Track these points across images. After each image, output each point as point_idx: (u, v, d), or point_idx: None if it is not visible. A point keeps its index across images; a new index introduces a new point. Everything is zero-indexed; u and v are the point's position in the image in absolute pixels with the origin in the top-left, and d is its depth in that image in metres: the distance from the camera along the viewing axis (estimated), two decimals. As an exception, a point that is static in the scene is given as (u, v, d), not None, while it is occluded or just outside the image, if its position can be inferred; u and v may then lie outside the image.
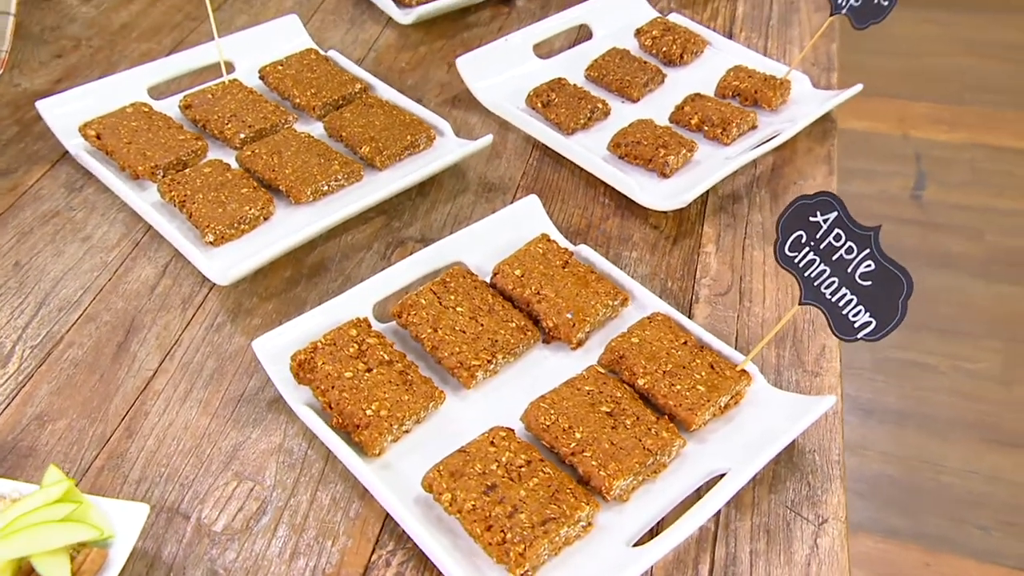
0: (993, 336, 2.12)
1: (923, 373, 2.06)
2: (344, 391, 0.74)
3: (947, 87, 2.91)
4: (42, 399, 0.78)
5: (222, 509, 0.71)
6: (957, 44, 3.09)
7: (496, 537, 0.65)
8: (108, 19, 1.35)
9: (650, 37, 1.28)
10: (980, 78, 2.93)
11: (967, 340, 2.11)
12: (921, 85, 2.89)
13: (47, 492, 0.64)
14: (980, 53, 3.04)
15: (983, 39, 3.10)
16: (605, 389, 0.76)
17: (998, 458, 1.87)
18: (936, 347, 2.09)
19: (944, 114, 2.83)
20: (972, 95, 2.86)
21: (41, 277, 0.90)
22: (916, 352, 2.08)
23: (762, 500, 0.73)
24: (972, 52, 3.05)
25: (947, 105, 2.86)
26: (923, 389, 2.02)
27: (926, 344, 2.09)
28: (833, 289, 0.70)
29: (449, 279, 0.85)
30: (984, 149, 2.70)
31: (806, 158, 1.12)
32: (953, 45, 3.09)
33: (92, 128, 1.03)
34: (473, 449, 0.71)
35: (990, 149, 2.70)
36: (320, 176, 0.98)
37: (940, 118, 2.82)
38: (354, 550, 0.68)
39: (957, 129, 2.76)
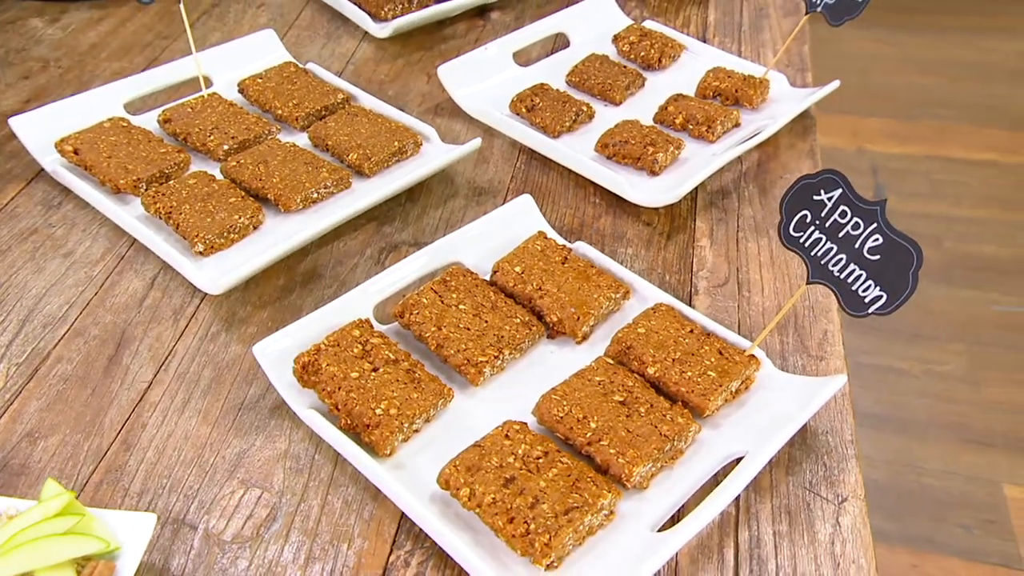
0: (958, 339, 2.15)
1: (896, 378, 2.08)
2: (351, 391, 0.72)
3: (898, 103, 2.99)
4: (32, 416, 0.75)
5: (230, 518, 0.68)
6: (905, 63, 3.18)
7: (519, 529, 0.63)
8: (76, 40, 1.33)
9: (628, 43, 1.29)
10: (929, 94, 3.02)
11: (934, 344, 2.14)
12: (873, 102, 2.97)
13: (47, 506, 0.60)
14: (927, 71, 3.13)
15: (929, 58, 3.20)
16: (616, 379, 0.75)
17: (974, 457, 1.89)
18: (906, 352, 2.12)
19: (897, 129, 2.90)
20: (922, 110, 2.95)
21: (22, 294, 0.87)
22: (887, 357, 2.11)
23: (780, 483, 0.72)
24: (920, 71, 3.15)
25: (899, 120, 2.93)
26: (897, 393, 2.04)
27: (896, 349, 2.12)
28: (841, 266, 0.70)
29: (449, 278, 0.84)
30: (938, 161, 2.77)
31: (790, 153, 1.13)
32: (901, 64, 3.18)
33: (69, 143, 1.00)
34: (488, 443, 0.69)
35: (944, 161, 2.77)
36: (309, 184, 0.96)
37: (893, 132, 2.89)
38: (371, 552, 0.66)
39: (910, 143, 2.83)
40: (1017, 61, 3.14)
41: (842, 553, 0.67)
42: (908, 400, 2.01)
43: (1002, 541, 1.78)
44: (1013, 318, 2.20)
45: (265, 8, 1.43)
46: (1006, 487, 1.87)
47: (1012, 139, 2.79)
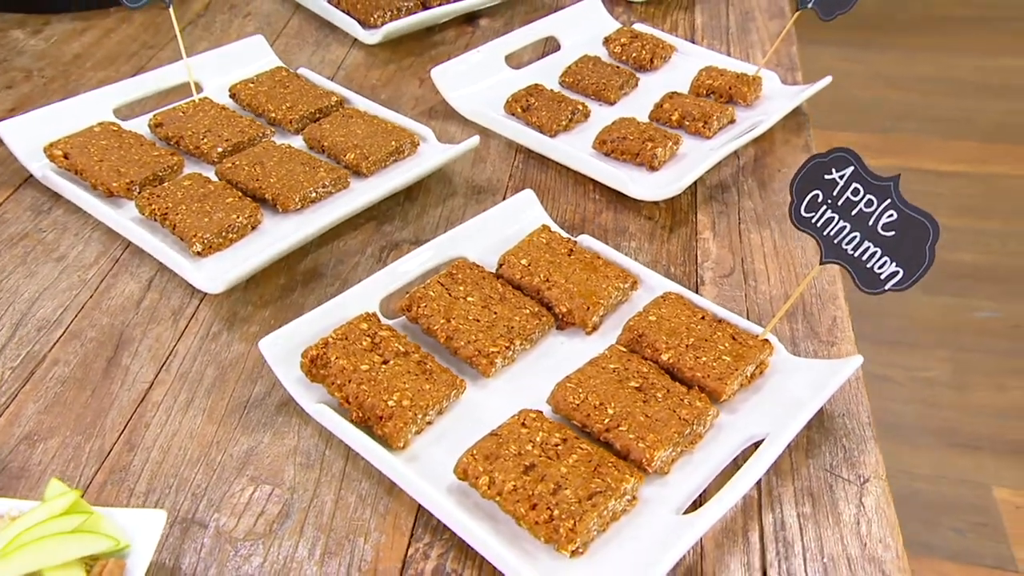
0: (941, 346, 2.17)
1: (882, 384, 2.09)
2: (362, 384, 0.71)
3: (870, 118, 3.03)
4: (29, 418, 0.72)
5: (241, 515, 0.65)
6: (875, 79, 3.23)
7: (542, 515, 0.61)
8: (59, 50, 1.31)
9: (619, 44, 1.29)
10: (899, 109, 3.07)
11: (917, 351, 2.16)
12: (846, 117, 3.01)
13: (51, 505, 0.58)
14: (896, 87, 3.19)
15: (897, 74, 3.25)
16: (630, 366, 0.74)
17: (962, 461, 1.90)
18: (890, 359, 2.13)
19: (870, 142, 2.94)
20: (893, 124, 2.99)
21: (14, 299, 0.84)
22: (872, 365, 2.12)
23: (800, 466, 0.71)
24: (889, 86, 3.20)
25: (872, 134, 2.97)
26: (885, 399, 2.05)
27: (880, 357, 2.13)
28: (855, 244, 0.70)
29: (455, 271, 0.83)
30: (913, 172, 2.81)
31: (785, 148, 1.14)
32: (871, 80, 3.23)
33: (59, 148, 0.98)
34: (505, 432, 0.68)
35: (918, 172, 2.81)
36: (307, 183, 0.95)
37: (867, 145, 2.93)
38: (388, 545, 0.64)
39: (884, 155, 2.87)
40: (980, 76, 3.20)
41: (868, 533, 0.66)
42: (895, 407, 2.02)
43: (995, 543, 1.78)
44: (993, 323, 2.22)
45: (252, 18, 1.42)
46: (996, 489, 1.87)
47: (982, 150, 2.84)
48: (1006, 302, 2.26)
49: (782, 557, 0.64)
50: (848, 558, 0.64)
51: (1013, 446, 1.90)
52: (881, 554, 0.64)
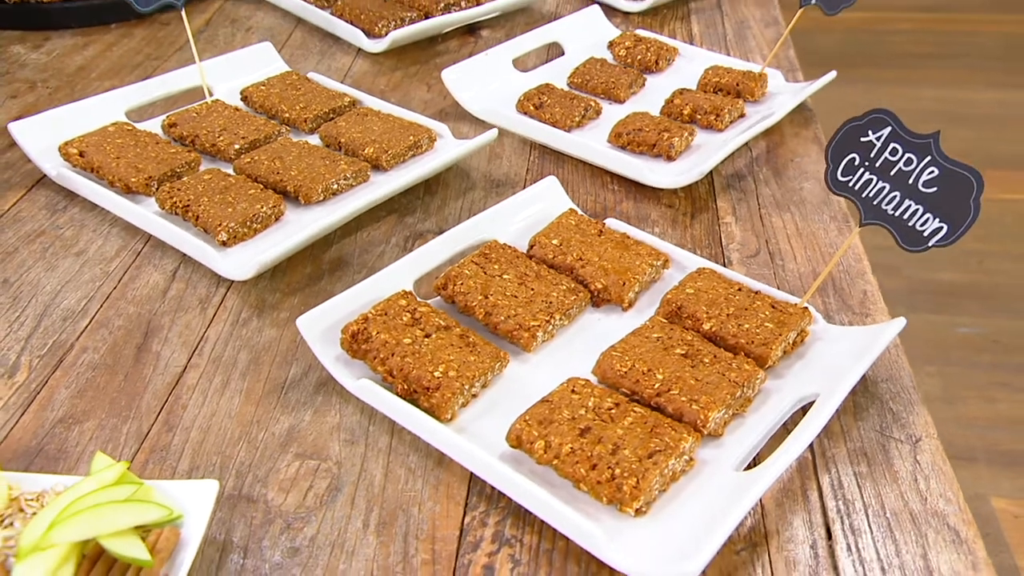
0: (928, 361, 2.19)
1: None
2: (406, 356, 0.69)
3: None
4: (62, 403, 0.70)
5: (289, 489, 0.63)
6: (847, 109, 3.30)
7: (604, 475, 0.60)
8: (62, 63, 1.30)
9: (623, 48, 1.31)
10: None
11: (906, 366, 2.18)
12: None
13: (101, 476, 0.56)
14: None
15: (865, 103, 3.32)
16: (673, 335, 0.74)
17: (958, 472, 1.91)
18: (880, 374, 2.15)
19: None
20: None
21: (36, 291, 0.82)
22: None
23: (851, 428, 0.71)
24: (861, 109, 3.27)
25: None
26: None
27: (870, 371, 2.14)
28: (895, 203, 0.70)
29: (488, 251, 0.82)
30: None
31: (795, 140, 1.15)
32: (843, 109, 3.30)
33: (74, 146, 0.97)
34: (556, 398, 0.67)
35: None
36: (328, 175, 0.94)
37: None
38: (444, 514, 0.62)
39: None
40: (941, 106, 3.27)
41: (927, 489, 0.65)
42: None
43: (997, 553, 1.77)
44: (977, 339, 2.25)
45: (254, 31, 1.43)
46: (993, 499, 1.88)
47: None
48: (986, 318, 2.29)
49: (843, 514, 0.63)
50: (911, 513, 0.63)
51: (1008, 457, 1.91)
52: (944, 508, 0.63)
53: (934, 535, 0.61)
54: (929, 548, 0.60)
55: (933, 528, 0.62)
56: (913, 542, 0.61)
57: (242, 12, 1.49)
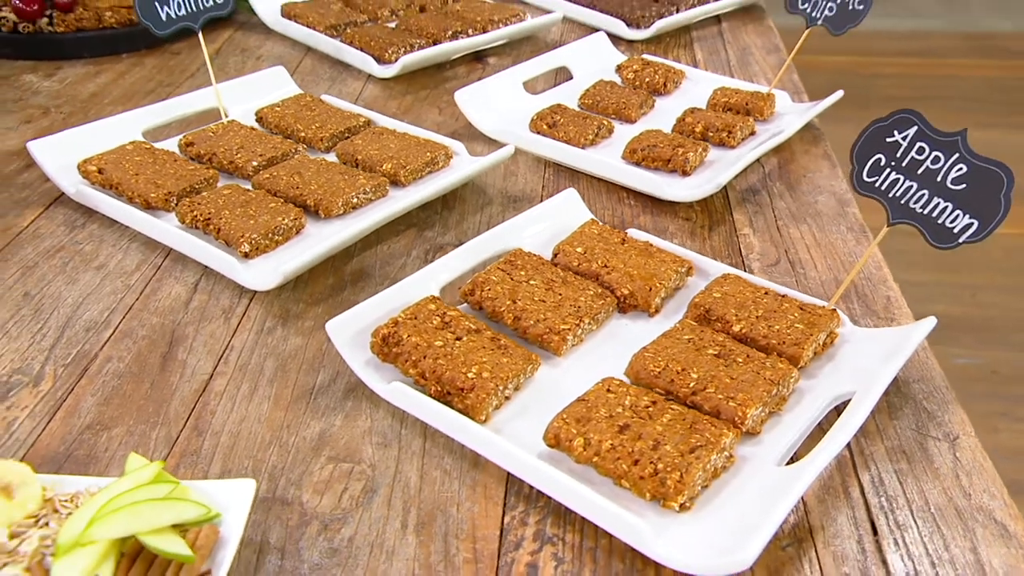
0: None
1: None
2: (439, 359, 0.69)
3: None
4: (89, 410, 0.69)
5: (324, 492, 0.62)
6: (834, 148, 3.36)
7: (646, 470, 0.59)
8: (75, 90, 1.31)
9: (631, 71, 1.33)
10: None
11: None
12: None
13: (137, 475, 0.55)
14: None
15: None
16: (704, 336, 0.73)
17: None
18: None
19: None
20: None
21: (57, 304, 0.81)
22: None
23: (886, 427, 0.70)
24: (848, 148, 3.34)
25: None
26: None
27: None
28: (924, 202, 0.71)
29: (514, 258, 0.82)
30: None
31: (806, 157, 1.16)
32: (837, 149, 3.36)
33: (93, 164, 0.97)
34: (592, 397, 0.66)
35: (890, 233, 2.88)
36: (348, 189, 0.94)
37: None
38: (483, 514, 0.61)
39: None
40: None
41: (970, 484, 0.64)
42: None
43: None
44: (974, 370, 2.26)
45: (264, 59, 1.44)
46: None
47: None
48: (981, 350, 2.31)
49: (887, 511, 0.62)
50: (956, 508, 0.62)
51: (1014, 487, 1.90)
52: (988, 503, 0.63)
53: (982, 530, 0.60)
54: (978, 543, 0.59)
55: (980, 523, 0.61)
56: (961, 536, 0.60)
57: (252, 41, 1.50)
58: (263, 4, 1.54)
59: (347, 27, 1.47)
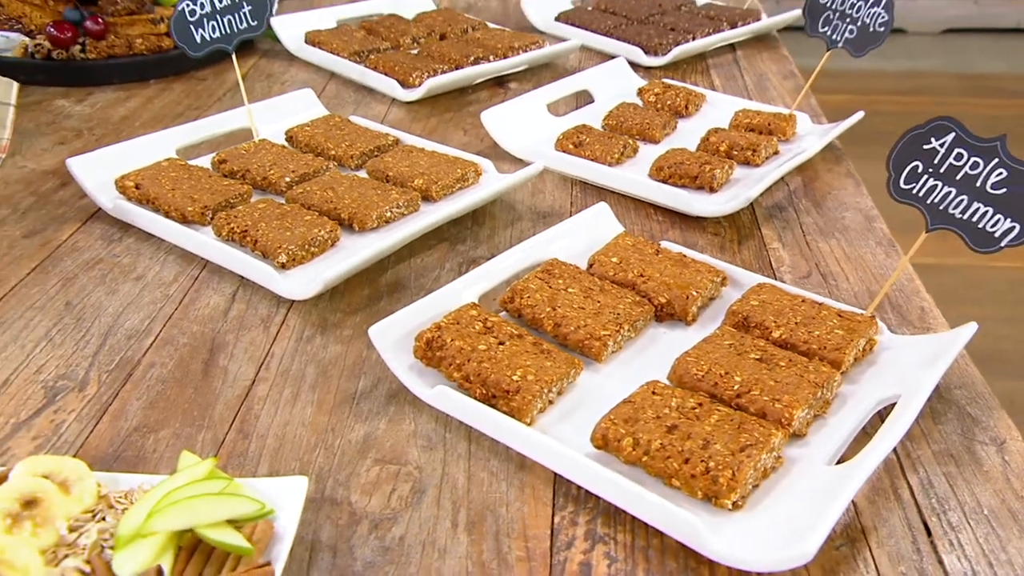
0: None
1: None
2: (483, 362, 0.69)
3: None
4: (135, 414, 0.69)
5: (372, 493, 0.62)
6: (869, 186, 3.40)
7: (698, 468, 0.59)
8: (106, 114, 1.32)
9: (653, 94, 1.34)
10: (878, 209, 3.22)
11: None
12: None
13: (192, 471, 0.55)
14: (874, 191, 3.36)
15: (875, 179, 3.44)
16: (745, 341, 0.73)
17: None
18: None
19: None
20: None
21: (99, 313, 0.82)
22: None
23: (931, 431, 0.70)
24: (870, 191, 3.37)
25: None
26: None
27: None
28: (963, 207, 0.71)
29: (551, 267, 0.83)
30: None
31: (830, 175, 1.17)
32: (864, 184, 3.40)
33: (130, 179, 0.98)
34: (638, 399, 0.66)
35: None
36: (382, 203, 0.95)
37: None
38: (532, 514, 0.61)
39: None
40: None
41: (1022, 487, 0.64)
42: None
43: None
44: None
45: (290, 84, 1.46)
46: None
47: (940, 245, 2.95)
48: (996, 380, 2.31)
49: (939, 512, 0.62)
50: (1010, 510, 0.62)
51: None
52: (1039, 503, 0.62)
53: (1036, 530, 0.60)
54: (1034, 542, 0.59)
55: (1034, 523, 0.61)
56: (1017, 538, 0.60)
57: (276, 68, 1.53)
58: (287, 32, 1.56)
59: (370, 53, 1.49)
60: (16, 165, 1.14)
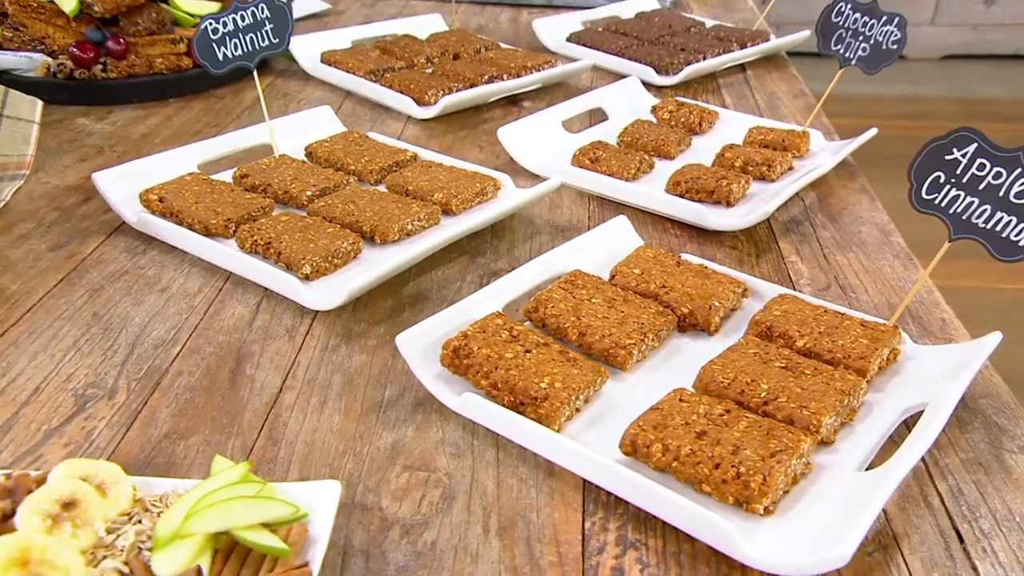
0: None
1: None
2: (511, 369, 0.69)
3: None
4: (164, 421, 0.69)
5: (402, 499, 0.62)
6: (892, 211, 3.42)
7: (729, 473, 0.59)
8: (126, 132, 1.34)
9: (667, 111, 1.36)
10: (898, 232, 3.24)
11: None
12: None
13: (227, 475, 0.55)
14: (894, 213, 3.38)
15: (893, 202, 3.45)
16: (770, 350, 0.74)
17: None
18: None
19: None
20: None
21: (126, 323, 0.82)
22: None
23: (958, 440, 0.70)
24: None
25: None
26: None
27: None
28: (986, 217, 0.72)
29: (574, 278, 0.83)
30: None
31: (844, 191, 1.18)
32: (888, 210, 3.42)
33: (154, 193, 0.99)
34: (665, 406, 0.66)
35: None
36: (403, 216, 0.96)
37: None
38: (563, 520, 0.61)
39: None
40: None
41: (1051, 494, 0.64)
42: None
43: None
44: None
45: (306, 103, 1.48)
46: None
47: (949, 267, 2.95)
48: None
49: (970, 519, 0.62)
50: (1040, 516, 0.62)
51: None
52: (1070, 510, 0.62)
53: (1068, 537, 0.60)
54: (1067, 548, 0.59)
55: (1066, 530, 0.60)
56: (1049, 543, 0.59)
57: (292, 87, 1.54)
58: (302, 52, 1.58)
59: (385, 72, 1.51)
60: (40, 181, 1.15)
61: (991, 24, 4.56)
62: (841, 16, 1.22)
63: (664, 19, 1.87)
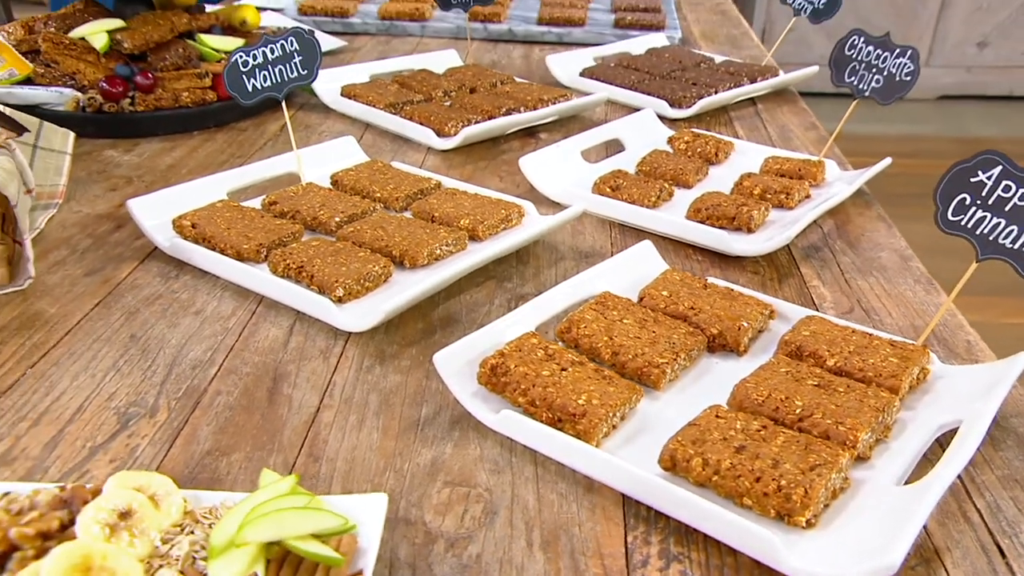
0: None
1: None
2: (548, 387, 0.70)
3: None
4: (206, 438, 0.70)
5: (445, 514, 0.63)
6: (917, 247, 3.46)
7: (770, 486, 0.60)
8: (153, 163, 1.36)
9: (683, 142, 1.38)
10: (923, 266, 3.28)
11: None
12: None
13: (276, 487, 0.56)
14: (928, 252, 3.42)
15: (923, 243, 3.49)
16: (802, 369, 0.75)
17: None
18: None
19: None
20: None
21: (163, 345, 0.84)
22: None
23: (993, 458, 0.71)
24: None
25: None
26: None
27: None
28: (1013, 237, 0.73)
29: (604, 300, 0.84)
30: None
31: (861, 219, 1.19)
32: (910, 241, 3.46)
33: (187, 219, 1.01)
34: (703, 422, 0.67)
35: None
36: (432, 240, 0.98)
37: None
38: (605, 534, 0.61)
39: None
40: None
41: (1088, 509, 0.64)
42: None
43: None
44: None
45: (327, 134, 1.50)
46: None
47: None
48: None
49: (1011, 535, 0.62)
50: (1078, 530, 0.62)
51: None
52: (1107, 524, 0.63)
53: (1108, 551, 0.60)
54: (1107, 562, 0.59)
55: (1105, 544, 0.61)
56: (1089, 557, 0.60)
57: (313, 119, 1.57)
58: (323, 86, 1.61)
59: (404, 105, 1.53)
60: (72, 210, 1.17)
61: (984, 66, 4.65)
62: (855, 49, 1.25)
63: (674, 55, 1.90)
